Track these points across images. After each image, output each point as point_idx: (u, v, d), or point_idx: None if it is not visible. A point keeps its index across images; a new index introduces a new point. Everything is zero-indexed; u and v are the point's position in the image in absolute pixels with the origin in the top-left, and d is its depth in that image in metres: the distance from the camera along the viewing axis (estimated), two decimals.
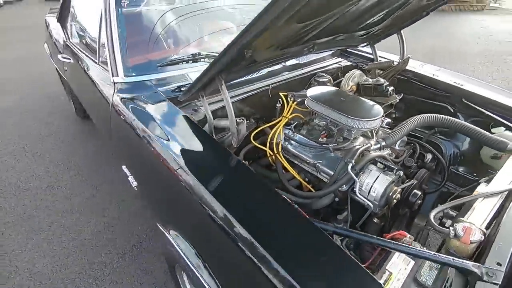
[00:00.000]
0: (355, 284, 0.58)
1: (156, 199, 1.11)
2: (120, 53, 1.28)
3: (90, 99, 1.66)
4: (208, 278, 0.77)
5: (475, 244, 0.69)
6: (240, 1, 1.76)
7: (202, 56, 1.38)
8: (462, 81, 1.43)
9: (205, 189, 0.76)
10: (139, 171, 1.14)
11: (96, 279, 1.41)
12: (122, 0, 1.35)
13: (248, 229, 0.65)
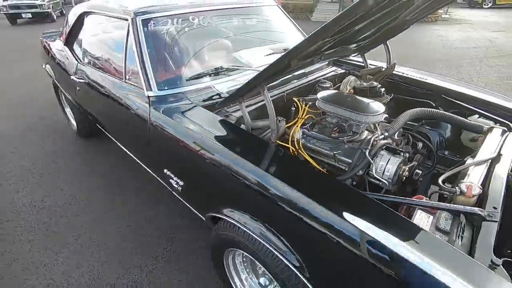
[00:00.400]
0: (400, 226, 0.78)
1: (207, 192, 1.22)
2: (152, 70, 1.44)
3: (114, 114, 1.76)
4: (284, 247, 0.90)
5: (475, 197, 0.92)
6: (244, 28, 1.96)
7: (223, 70, 1.57)
8: (439, 81, 1.72)
9: (264, 171, 0.93)
10: (185, 171, 1.27)
11: (135, 282, 1.50)
12: (149, 23, 1.52)
13: (308, 195, 0.83)
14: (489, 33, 7.76)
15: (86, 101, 2.09)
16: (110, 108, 1.74)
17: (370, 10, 0.87)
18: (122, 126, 1.74)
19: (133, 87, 1.52)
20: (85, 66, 2.00)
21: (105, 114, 1.92)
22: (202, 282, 1.50)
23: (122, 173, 2.33)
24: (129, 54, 1.55)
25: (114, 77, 1.69)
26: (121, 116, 1.65)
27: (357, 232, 0.75)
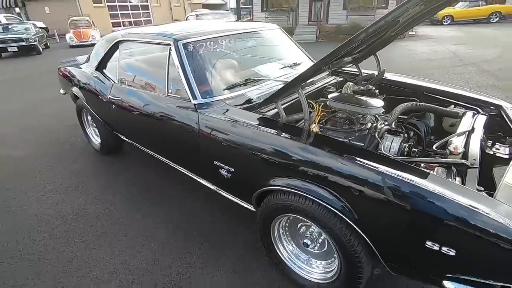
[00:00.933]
0: (417, 172, 1.11)
1: (256, 171, 1.47)
2: (195, 82, 1.76)
3: (154, 125, 2.03)
4: (333, 197, 1.19)
5: (460, 154, 1.28)
6: (257, 47, 2.35)
7: (250, 81, 1.92)
8: (420, 81, 2.15)
9: (308, 145, 1.26)
10: (235, 158, 1.55)
11: (189, 264, 1.73)
12: (188, 46, 1.86)
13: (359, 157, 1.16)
14: (451, 46, 8.70)
15: (121, 117, 2.35)
16: (149, 120, 2.03)
17: (366, 36, 1.25)
18: (162, 134, 2.01)
19: (178, 99, 1.83)
20: (121, 86, 2.29)
21: (142, 126, 2.18)
22: (248, 253, 1.75)
23: (151, 179, 2.57)
24: (171, 72, 1.87)
25: (156, 93, 2.00)
26: (163, 125, 1.93)
27: (388, 177, 1.08)
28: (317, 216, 1.26)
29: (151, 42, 2.08)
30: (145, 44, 2.25)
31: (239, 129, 1.51)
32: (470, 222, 0.94)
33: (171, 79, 1.89)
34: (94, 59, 2.65)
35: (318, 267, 1.53)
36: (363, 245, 1.21)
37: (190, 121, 1.72)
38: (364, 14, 12.15)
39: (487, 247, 0.94)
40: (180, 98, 1.83)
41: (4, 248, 1.91)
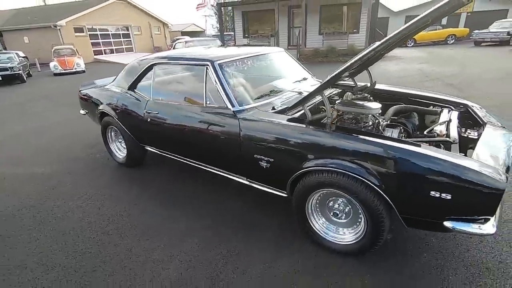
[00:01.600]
0: (416, 145, 1.56)
1: (291, 158, 1.85)
2: (232, 93, 2.18)
3: (192, 133, 2.38)
4: (363, 170, 1.60)
5: (445, 135, 1.76)
6: (272, 65, 2.84)
7: (276, 91, 2.36)
8: (403, 90, 2.69)
9: (336, 137, 1.69)
10: (274, 150, 1.93)
11: (235, 245, 2.04)
12: (223, 66, 2.29)
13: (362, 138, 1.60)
14: (418, 65, 9.79)
15: (155, 129, 2.68)
16: (187, 128, 2.39)
17: (363, 57, 1.74)
18: (200, 139, 2.35)
19: (216, 108, 2.23)
20: (157, 101, 2.65)
21: (178, 134, 2.52)
22: (283, 233, 2.09)
23: (179, 184, 2.87)
24: (209, 86, 2.28)
25: (194, 105, 2.38)
26: (202, 131, 2.30)
27: (400, 150, 1.52)
28: (347, 185, 1.66)
29: (187, 64, 2.50)
30: (175, 66, 2.67)
31: (277, 127, 1.92)
32: (458, 173, 1.39)
33: (208, 92, 2.30)
34: (125, 80, 3.01)
35: (345, 233, 1.91)
36: (384, 205, 1.62)
37: (230, 124, 2.11)
38: (338, 38, 13.32)
39: (471, 191, 1.38)
40: (218, 108, 2.22)
41: (64, 246, 2.13)
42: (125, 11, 23.78)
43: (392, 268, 1.77)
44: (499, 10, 19.64)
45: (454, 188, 1.41)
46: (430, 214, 1.53)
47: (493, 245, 1.89)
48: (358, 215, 1.80)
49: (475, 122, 2.14)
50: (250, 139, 2.02)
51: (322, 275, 1.75)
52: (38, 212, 2.55)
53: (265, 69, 2.74)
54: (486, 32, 15.29)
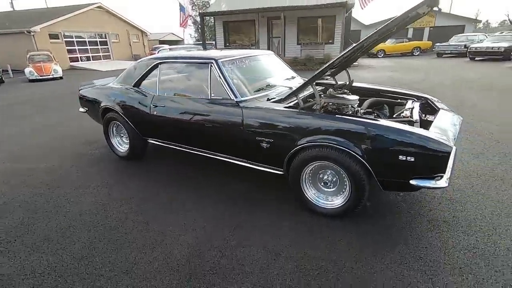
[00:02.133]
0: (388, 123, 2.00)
1: (287, 137, 2.22)
2: (235, 86, 2.53)
3: (199, 122, 2.69)
4: (350, 143, 2.01)
5: (409, 117, 2.22)
6: (265, 65, 3.24)
7: (270, 86, 2.75)
8: (376, 86, 3.18)
9: (312, 116, 2.09)
10: (272, 133, 2.29)
11: (248, 214, 2.36)
12: (225, 63, 2.65)
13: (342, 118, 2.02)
14: (388, 73, 10.67)
15: (161, 121, 2.96)
16: (193, 118, 2.70)
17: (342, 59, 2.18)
18: (205, 128, 2.65)
19: (220, 99, 2.57)
20: (163, 96, 2.95)
21: (185, 125, 2.80)
22: (281, 205, 2.44)
23: (181, 172, 3.15)
24: (213, 81, 2.62)
25: (200, 97, 2.71)
26: (207, 120, 2.62)
27: (375, 125, 1.94)
28: (335, 157, 2.06)
29: (192, 62, 2.83)
30: (178, 65, 3.00)
31: (275, 113, 2.30)
32: (418, 141, 1.83)
33: (212, 86, 2.64)
34: (130, 78, 3.28)
35: (333, 200, 2.29)
36: (364, 172, 2.02)
37: (234, 113, 2.46)
38: (315, 48, 14.13)
39: (428, 154, 1.82)
40: (222, 99, 2.57)
41: (84, 223, 2.34)
42: (102, 19, 23.54)
43: (372, 225, 2.17)
44: (457, 25, 21.67)
45: (416, 152, 1.84)
46: (400, 175, 1.95)
47: (449, 206, 2.36)
48: (343, 183, 2.19)
49: (433, 110, 2.64)
50: (252, 124, 2.38)
51: (318, 232, 2.12)
52: (50, 199, 2.73)
53: (259, 67, 3.13)
54: (447, 45, 16.85)
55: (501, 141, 3.65)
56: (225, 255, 1.94)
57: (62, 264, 1.92)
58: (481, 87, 7.36)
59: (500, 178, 2.75)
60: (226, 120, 2.52)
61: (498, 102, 5.74)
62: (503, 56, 12.95)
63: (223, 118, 2.53)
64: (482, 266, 1.75)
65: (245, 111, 2.41)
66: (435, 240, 1.99)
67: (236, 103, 2.48)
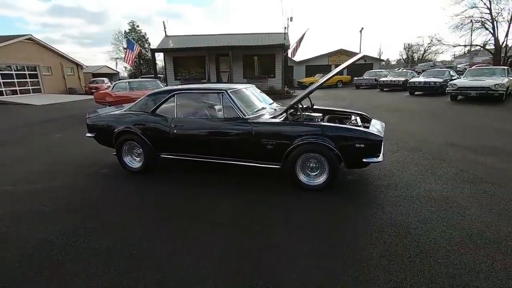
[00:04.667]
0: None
1: (285, 141, 3.36)
2: (244, 107, 3.62)
3: (214, 138, 3.65)
4: (328, 140, 3.23)
5: (357, 124, 3.60)
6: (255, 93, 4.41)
7: (262, 109, 3.93)
8: (330, 107, 4.62)
9: (300, 125, 3.33)
10: (276, 137, 3.39)
11: (262, 198, 3.34)
12: (234, 93, 3.74)
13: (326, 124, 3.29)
14: (321, 101, 12.95)
15: (180, 139, 3.82)
16: (209, 134, 3.68)
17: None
18: (220, 141, 3.63)
19: (232, 118, 3.61)
20: (181, 118, 3.85)
21: (201, 140, 3.74)
22: (278, 187, 3.49)
23: (194, 177, 3.97)
24: (225, 105, 3.67)
25: (214, 118, 3.71)
26: (222, 135, 3.61)
27: (338, 128, 3.24)
28: (319, 149, 3.27)
29: (206, 92, 3.85)
30: (193, 95, 3.98)
31: (276, 125, 3.47)
32: (366, 135, 3.18)
33: (225, 109, 3.68)
34: (147, 105, 4.09)
35: (317, 180, 3.46)
36: (337, 158, 3.26)
37: (244, 127, 3.52)
38: (260, 81, 16.06)
39: (371, 142, 3.17)
40: (233, 118, 3.62)
41: (139, 215, 3.01)
42: (32, 51, 22.16)
43: (344, 195, 3.39)
44: (368, 63, 26.71)
45: (364, 141, 3.17)
46: (357, 156, 3.25)
47: (385, 178, 3.75)
48: (323, 167, 3.39)
49: (367, 120, 4.13)
50: (260, 133, 3.47)
51: (309, 202, 3.23)
52: (117, 183, 3.27)
53: (250, 96, 4.28)
54: (362, 79, 20.80)
55: (408, 142, 5.43)
56: None
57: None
58: (391, 109, 9.81)
59: (409, 162, 4.33)
60: (239, 132, 3.56)
61: (400, 118, 7.95)
62: (402, 87, 16.76)
63: (236, 131, 3.57)
64: (404, 202, 3.09)
65: (253, 125, 3.50)
66: (380, 194, 3.30)
67: (245, 120, 3.55)
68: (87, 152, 5.31)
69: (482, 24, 22.12)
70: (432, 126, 7.03)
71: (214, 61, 16.29)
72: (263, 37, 17.37)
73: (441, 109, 9.60)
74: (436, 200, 3.11)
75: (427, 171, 3.97)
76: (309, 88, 3.63)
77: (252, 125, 3.51)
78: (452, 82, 11.47)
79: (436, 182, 3.60)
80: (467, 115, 8.29)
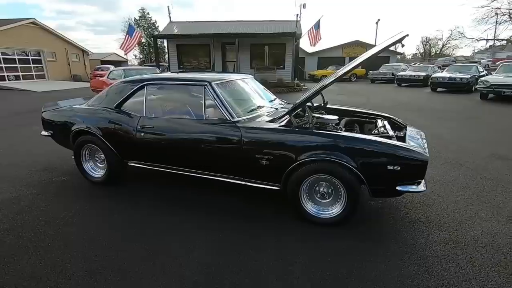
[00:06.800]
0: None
1: (287, 154, 2.39)
2: (231, 107, 2.66)
3: (191, 144, 2.71)
4: (346, 156, 2.25)
5: (385, 133, 2.60)
6: (249, 87, 3.43)
7: (260, 107, 2.94)
8: (347, 108, 3.60)
9: (307, 134, 2.34)
10: (272, 150, 2.43)
11: (237, 226, 2.41)
12: (219, 85, 2.77)
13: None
14: (337, 96, 11.81)
15: (149, 143, 2.89)
16: (185, 139, 2.73)
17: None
18: (198, 149, 2.68)
19: (216, 120, 2.66)
20: (151, 117, 2.91)
21: (175, 146, 2.80)
22: (278, 218, 2.56)
23: (167, 192, 3.07)
24: (207, 101, 2.71)
25: (193, 118, 2.75)
26: (201, 141, 2.67)
27: (365, 141, 2.25)
28: (333, 170, 2.29)
29: (183, 84, 2.89)
30: (166, 86, 3.03)
31: (274, 132, 2.48)
32: (403, 152, 2.17)
33: (208, 107, 2.72)
34: (111, 99, 3.15)
35: (330, 210, 2.50)
36: (358, 183, 2.29)
37: (232, 133, 2.56)
38: (268, 72, 14.97)
39: (411, 163, 2.17)
40: (217, 120, 2.66)
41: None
42: (36, 35, 21.55)
43: (365, 229, 2.42)
44: (384, 56, 25.12)
45: (401, 162, 2.18)
46: (388, 182, 2.26)
47: (420, 208, 2.76)
48: (338, 193, 2.43)
49: (399, 126, 3.11)
50: (251, 143, 2.51)
51: (315, 242, 2.28)
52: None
53: (246, 90, 3.31)
54: (378, 73, 19.39)
55: (442, 152, 4.38)
56: None
57: None
58: (412, 108, 8.66)
59: (451, 183, 3.31)
60: (223, 140, 2.60)
61: (426, 119, 6.83)
62: (422, 82, 15.39)
63: (220, 138, 2.61)
64: (459, 254, 2.10)
65: (243, 131, 2.54)
66: (418, 237, 2.32)
67: (233, 123, 2.59)
68: (55, 151, 4.41)
69: (510, 16, 20.28)
70: (467, 131, 5.91)
71: (220, 49, 15.25)
72: (272, 25, 16.18)
73: (473, 110, 8.39)
74: (507, 254, 2.11)
75: (480, 199, 2.95)
76: (323, 82, 2.63)
77: (242, 130, 2.55)
78: (483, 79, 10.17)
79: (498, 218, 2.59)
80: (506, 118, 7.10)
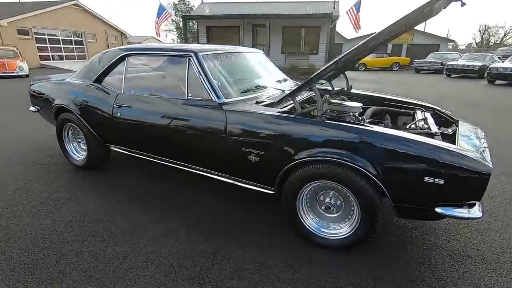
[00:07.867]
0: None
1: (282, 149, 1.81)
2: (217, 85, 2.07)
3: (173, 125, 2.18)
4: (360, 158, 1.58)
5: (426, 129, 1.85)
6: (252, 63, 2.81)
7: (260, 88, 2.32)
8: (376, 94, 2.83)
9: (312, 124, 1.67)
10: (263, 143, 1.83)
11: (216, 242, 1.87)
12: (206, 57, 2.19)
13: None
14: (372, 85, 10.67)
15: (127, 124, 2.42)
16: (165, 121, 2.19)
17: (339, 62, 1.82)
18: (180, 134, 2.15)
19: (199, 100, 2.09)
20: (129, 94, 2.42)
21: (154, 129, 2.28)
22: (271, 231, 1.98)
23: (147, 187, 2.61)
24: (191, 77, 2.14)
25: (174, 97, 2.21)
26: (182, 125, 2.13)
27: (394, 137, 1.55)
28: (340, 175, 1.64)
29: (167, 54, 2.34)
30: (151, 58, 2.49)
31: (267, 119, 1.85)
32: (452, 160, 1.44)
33: (190, 84, 2.16)
34: (91, 72, 2.72)
35: (337, 230, 1.86)
36: (377, 194, 1.61)
37: (215, 117, 1.98)
38: (299, 58, 14.02)
39: (463, 175, 1.44)
40: (201, 100, 2.09)
41: None
42: (78, 17, 22.41)
43: (384, 259, 1.75)
44: (433, 44, 22.62)
45: (448, 173, 1.46)
46: (424, 200, 1.56)
47: (469, 235, 2.00)
48: (350, 207, 1.77)
49: (447, 121, 2.31)
50: (238, 132, 1.91)
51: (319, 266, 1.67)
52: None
53: (247, 66, 2.70)
54: (425, 62, 17.40)
55: (502, 158, 3.43)
56: None
57: None
58: (467, 102, 7.38)
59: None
60: (205, 126, 2.04)
61: (485, 117, 5.66)
62: (477, 74, 13.44)
63: (202, 123, 2.05)
64: None
65: (229, 116, 1.95)
66: (464, 282, 1.60)
67: (218, 105, 2.01)
68: (46, 135, 4.12)
69: None
70: None
71: (251, 32, 14.53)
72: (306, 6, 15.02)
73: None
74: None
75: None
76: (341, 55, 1.89)
77: (227, 115, 1.96)
78: None
79: None
80: None
